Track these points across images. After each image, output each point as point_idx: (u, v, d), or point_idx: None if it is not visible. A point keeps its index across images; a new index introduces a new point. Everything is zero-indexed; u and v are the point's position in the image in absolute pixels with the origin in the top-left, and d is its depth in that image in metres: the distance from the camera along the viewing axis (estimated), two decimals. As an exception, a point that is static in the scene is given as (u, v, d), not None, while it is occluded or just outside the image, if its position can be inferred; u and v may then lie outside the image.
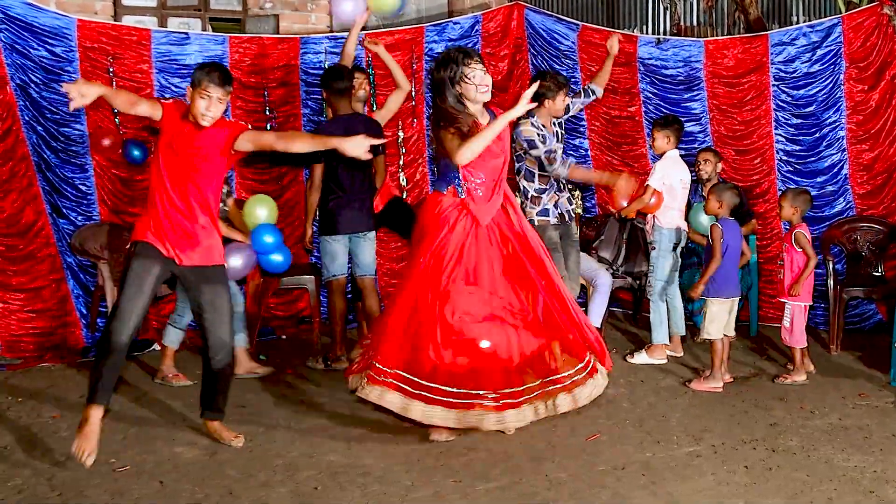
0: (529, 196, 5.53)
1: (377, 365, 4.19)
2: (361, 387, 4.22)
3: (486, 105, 4.35)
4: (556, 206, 5.56)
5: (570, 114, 5.86)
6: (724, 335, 5.41)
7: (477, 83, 4.18)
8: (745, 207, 6.33)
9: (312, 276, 6.23)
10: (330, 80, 5.77)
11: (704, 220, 5.90)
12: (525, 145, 5.43)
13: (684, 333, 6.14)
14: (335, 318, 5.78)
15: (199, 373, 5.21)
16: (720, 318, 5.35)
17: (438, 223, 4.22)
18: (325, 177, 5.76)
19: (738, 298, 5.50)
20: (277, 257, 5.51)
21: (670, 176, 5.84)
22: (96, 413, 4.00)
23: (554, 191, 5.55)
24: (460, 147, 4.13)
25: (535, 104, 5.35)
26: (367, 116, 5.98)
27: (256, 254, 5.45)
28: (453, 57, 4.17)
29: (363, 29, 7.24)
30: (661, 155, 5.93)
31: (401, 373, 4.15)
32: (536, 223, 5.42)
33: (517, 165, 5.56)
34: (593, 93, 5.95)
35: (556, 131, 5.63)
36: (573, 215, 5.74)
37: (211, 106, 4.06)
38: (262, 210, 5.56)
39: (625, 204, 6.16)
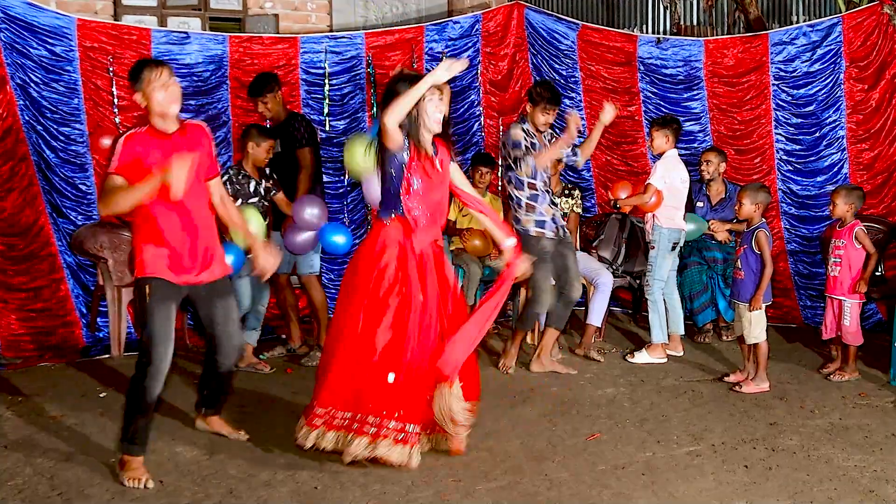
0: (522, 204, 5.44)
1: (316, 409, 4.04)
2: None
3: (435, 141, 4.14)
4: (553, 220, 5.48)
5: (562, 164, 5.74)
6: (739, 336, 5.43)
7: (431, 110, 4.02)
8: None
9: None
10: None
11: (688, 228, 5.99)
12: (510, 146, 5.42)
13: (683, 332, 6.15)
14: (319, 308, 5.89)
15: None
16: (763, 322, 5.30)
17: (380, 254, 4.03)
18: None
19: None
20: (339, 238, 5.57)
21: (672, 175, 5.83)
22: (136, 460, 3.85)
23: (548, 203, 5.47)
24: (387, 110, 3.92)
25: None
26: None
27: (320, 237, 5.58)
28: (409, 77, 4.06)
29: (363, 28, 7.27)
30: (660, 155, 5.92)
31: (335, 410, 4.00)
32: (533, 233, 5.39)
33: (507, 174, 5.53)
34: (573, 156, 5.68)
35: (547, 145, 5.52)
36: (566, 230, 5.65)
37: (169, 92, 3.81)
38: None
39: (623, 196, 6.19)
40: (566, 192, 6.46)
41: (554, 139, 5.57)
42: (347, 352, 3.98)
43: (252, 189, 5.58)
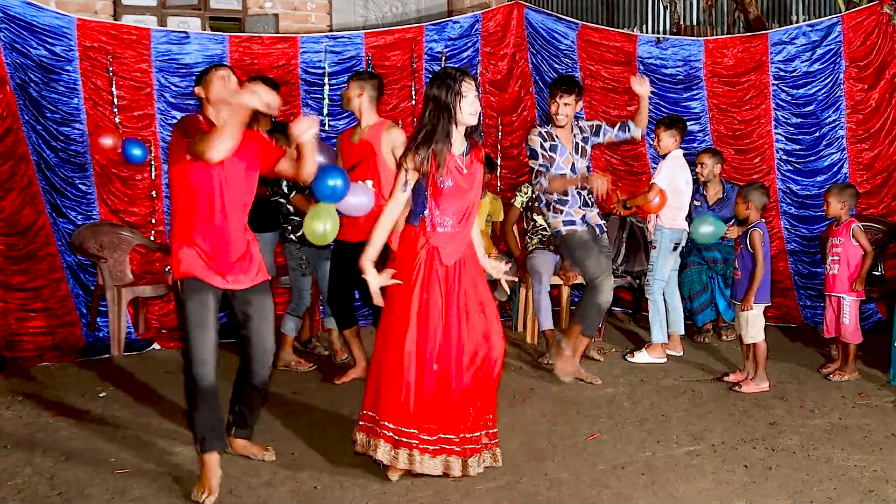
0: (551, 206, 5.34)
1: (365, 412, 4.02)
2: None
3: (468, 137, 4.02)
4: (583, 220, 5.32)
5: (601, 141, 5.44)
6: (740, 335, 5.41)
7: (469, 103, 3.91)
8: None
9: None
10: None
11: (706, 230, 5.77)
12: (528, 154, 5.31)
13: (683, 332, 6.15)
14: None
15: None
16: (760, 322, 5.29)
17: (411, 261, 3.94)
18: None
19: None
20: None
21: (677, 176, 5.83)
22: (212, 459, 3.79)
23: (578, 205, 5.30)
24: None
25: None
26: None
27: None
28: (451, 74, 3.93)
29: (363, 28, 7.26)
30: (664, 155, 5.92)
31: (370, 414, 3.98)
32: (564, 233, 5.27)
33: (535, 176, 5.37)
34: (628, 130, 5.40)
35: (577, 143, 5.34)
36: (605, 229, 5.48)
37: (228, 82, 3.81)
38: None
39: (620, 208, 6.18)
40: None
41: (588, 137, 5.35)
42: (377, 360, 3.97)
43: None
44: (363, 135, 5.15)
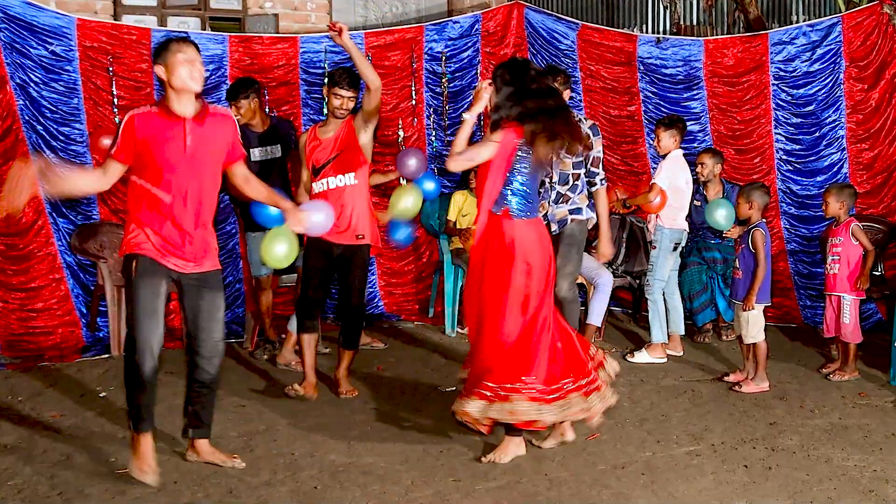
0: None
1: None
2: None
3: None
4: (545, 216, 5.00)
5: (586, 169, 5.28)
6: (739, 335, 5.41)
7: None
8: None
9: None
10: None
11: (720, 216, 5.66)
12: None
13: (683, 332, 6.14)
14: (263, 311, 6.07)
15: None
16: (761, 322, 5.29)
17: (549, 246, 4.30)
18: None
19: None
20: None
21: (678, 176, 5.83)
22: (146, 439, 3.82)
23: (549, 200, 5.07)
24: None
25: None
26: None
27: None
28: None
29: (363, 28, 7.24)
30: (664, 155, 5.91)
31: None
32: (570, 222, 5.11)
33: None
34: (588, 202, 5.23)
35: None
36: (562, 227, 5.12)
37: (194, 68, 3.71)
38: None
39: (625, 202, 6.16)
40: None
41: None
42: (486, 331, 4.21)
43: None
44: (337, 127, 5.05)
